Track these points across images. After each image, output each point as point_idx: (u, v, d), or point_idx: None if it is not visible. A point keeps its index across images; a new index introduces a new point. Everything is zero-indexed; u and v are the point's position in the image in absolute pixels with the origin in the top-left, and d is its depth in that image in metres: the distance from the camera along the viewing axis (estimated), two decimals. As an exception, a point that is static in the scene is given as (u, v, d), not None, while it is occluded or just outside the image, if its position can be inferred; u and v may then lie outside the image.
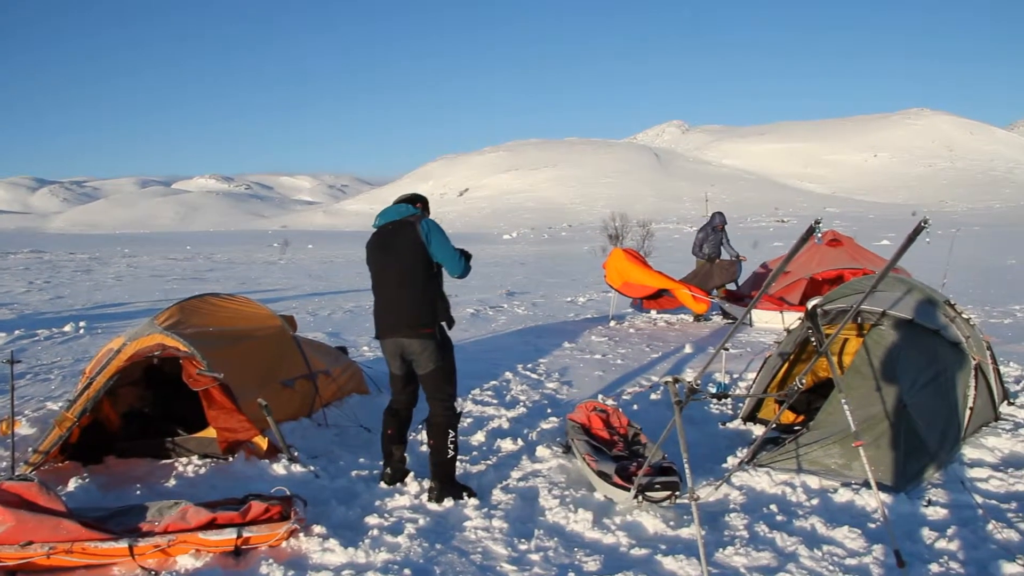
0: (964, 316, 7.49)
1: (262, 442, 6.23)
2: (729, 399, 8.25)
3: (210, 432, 6.31)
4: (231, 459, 6.22)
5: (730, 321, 14.06)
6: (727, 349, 9.43)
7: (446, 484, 5.61)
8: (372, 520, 5.27)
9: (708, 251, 15.62)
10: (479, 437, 7.18)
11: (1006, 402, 7.95)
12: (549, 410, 8.15)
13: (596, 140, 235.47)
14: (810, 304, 5.03)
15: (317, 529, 4.97)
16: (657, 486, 5.35)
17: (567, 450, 6.60)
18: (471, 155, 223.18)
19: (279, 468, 6.06)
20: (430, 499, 5.57)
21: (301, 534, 4.87)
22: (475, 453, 6.78)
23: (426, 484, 5.73)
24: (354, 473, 6.18)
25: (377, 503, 5.59)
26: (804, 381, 5.35)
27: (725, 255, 15.71)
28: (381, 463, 6.05)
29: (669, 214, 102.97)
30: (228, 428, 6.14)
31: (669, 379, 4.87)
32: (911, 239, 4.46)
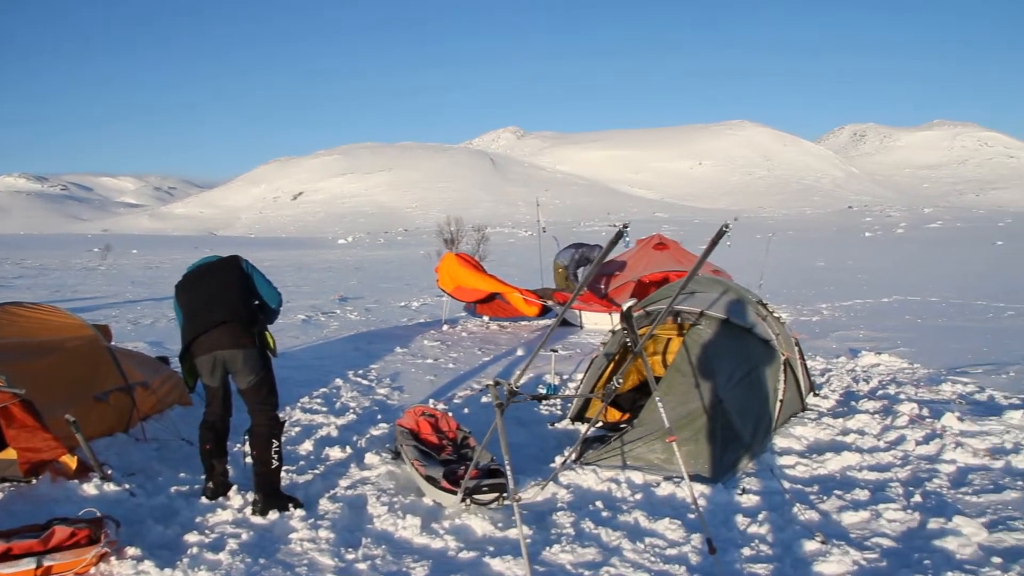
0: (775, 315, 7.96)
1: (71, 461, 5.85)
2: (558, 399, 8.44)
3: (9, 453, 5.87)
4: (34, 481, 5.78)
5: (568, 325, 14.36)
6: (555, 351, 9.66)
7: (271, 496, 5.46)
8: (192, 538, 5.06)
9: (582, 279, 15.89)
10: (307, 446, 7.03)
11: (812, 394, 8.51)
12: (379, 416, 8.09)
13: (432, 144, 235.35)
14: (625, 306, 5.20)
15: (131, 551, 4.72)
16: (484, 488, 5.40)
17: (396, 456, 6.56)
18: (305, 158, 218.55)
19: (90, 488, 5.71)
20: (254, 512, 5.41)
21: (112, 558, 4.61)
22: (302, 463, 6.63)
23: (250, 497, 5.56)
24: (174, 489, 5.91)
25: (198, 519, 5.37)
26: (621, 380, 5.54)
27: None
28: (203, 477, 5.82)
29: (504, 219, 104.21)
30: (30, 448, 5.72)
31: (490, 382, 4.92)
32: (714, 243, 4.74)
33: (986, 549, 4.86)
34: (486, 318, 14.63)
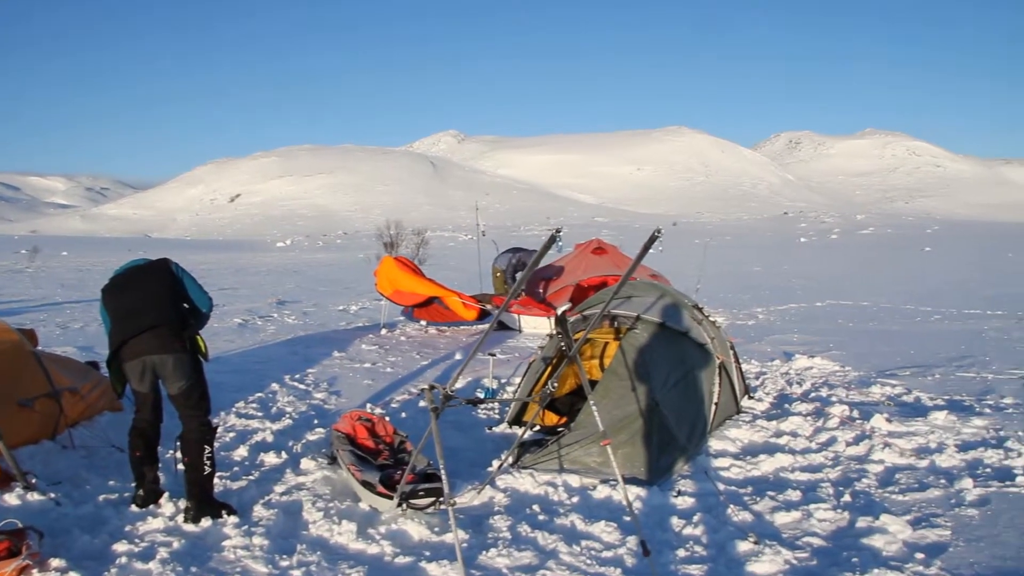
0: (711, 319, 8.08)
1: (-8, 470, 5.67)
2: (496, 403, 8.44)
3: (-74, 462, 5.66)
4: (-49, 493, 5.60)
5: (507, 329, 14.37)
6: (494, 355, 9.66)
7: (203, 503, 5.35)
8: (120, 547, 4.92)
9: (522, 287, 15.88)
10: (241, 452, 6.91)
11: (747, 396, 8.65)
12: (316, 421, 8.00)
13: (372, 147, 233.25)
14: (559, 310, 5.22)
15: (55, 563, 4.56)
16: (421, 493, 5.37)
17: (332, 461, 6.49)
18: (242, 160, 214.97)
19: (12, 499, 5.51)
20: (186, 520, 5.30)
21: (35, 571, 4.46)
22: (236, 469, 6.52)
23: (182, 504, 5.44)
24: (102, 498, 5.74)
25: (127, 528, 5.23)
26: (556, 384, 5.56)
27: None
28: (133, 485, 5.68)
29: (445, 222, 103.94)
30: (-51, 457, 5.54)
31: (425, 387, 4.90)
32: (646, 248, 4.80)
33: (910, 546, 5.01)
34: (424, 322, 14.57)
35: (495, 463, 6.45)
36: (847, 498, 5.84)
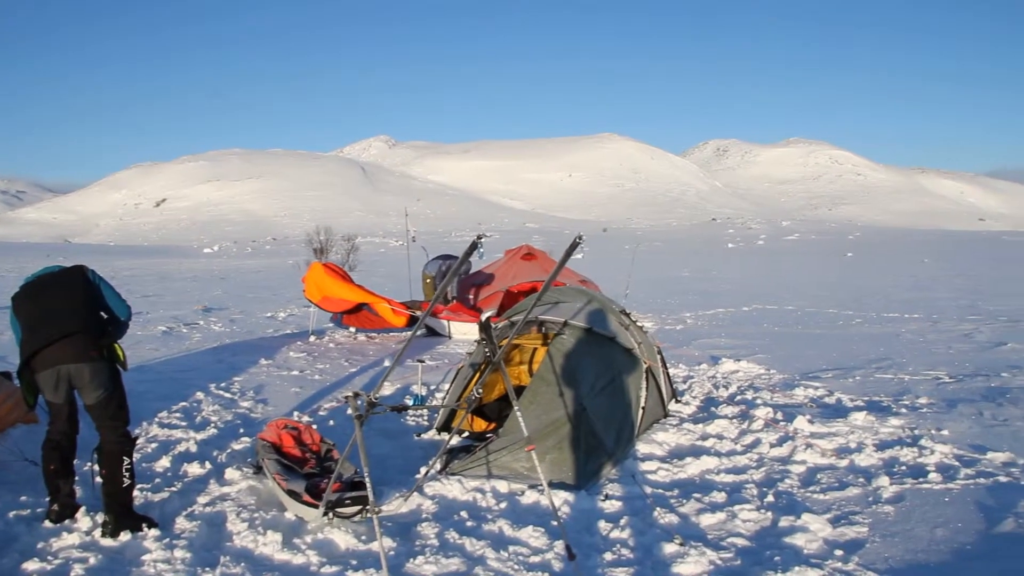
0: (638, 324, 8.17)
1: None
2: (425, 410, 8.40)
3: None
4: None
5: (436, 335, 14.31)
6: (423, 361, 9.62)
7: (122, 516, 5.20)
8: (31, 566, 4.76)
9: (452, 293, 15.83)
10: (163, 462, 6.75)
11: (674, 400, 8.77)
12: (242, 430, 7.86)
13: (302, 152, 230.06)
14: (483, 316, 5.23)
15: (-40, 584, 4.41)
16: (347, 501, 5.32)
17: (258, 470, 6.39)
18: (168, 164, 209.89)
19: (-85, 516, 5.31)
20: (104, 534, 5.15)
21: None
22: (158, 480, 6.37)
23: (99, 518, 5.29)
24: (13, 514, 5.53)
25: (40, 545, 5.06)
26: (481, 391, 5.56)
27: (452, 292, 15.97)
28: (47, 500, 5.49)
29: (375, 228, 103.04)
30: None
31: (349, 394, 4.85)
32: (568, 254, 4.84)
33: (830, 543, 5.15)
34: (353, 329, 14.43)
35: (423, 470, 6.42)
36: (770, 498, 5.97)
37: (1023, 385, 9.71)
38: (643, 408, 7.30)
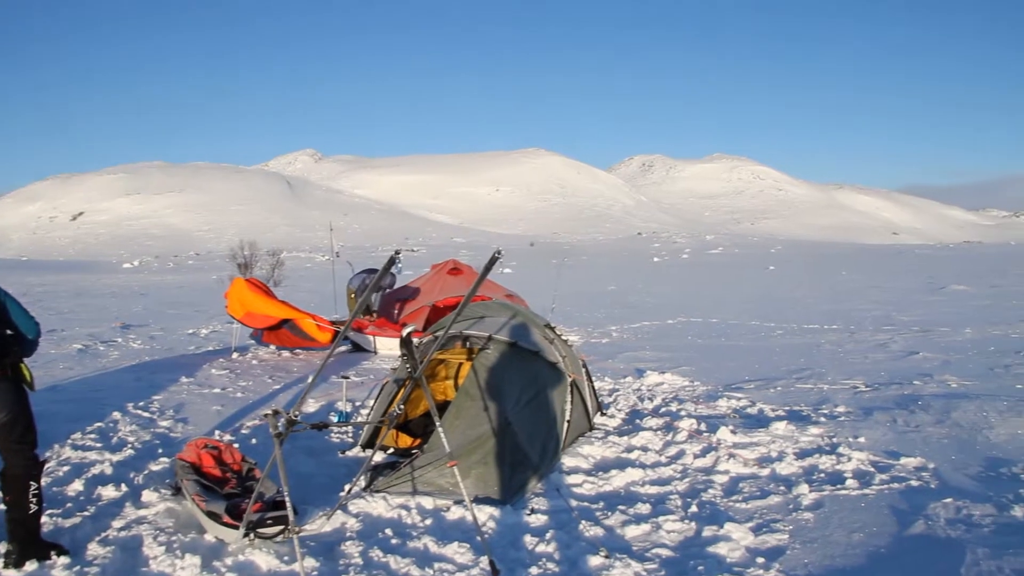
0: (563, 337, 8.20)
1: None
2: (350, 426, 8.30)
3: None
4: None
5: (362, 351, 14.15)
6: (347, 377, 9.50)
7: (28, 544, 4.98)
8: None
9: (375, 308, 15.67)
10: (76, 486, 6.50)
11: (599, 413, 8.82)
12: (160, 450, 7.63)
13: (225, 166, 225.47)
14: (404, 332, 5.19)
15: None
16: (269, 521, 5.21)
17: (176, 492, 6.21)
18: (86, 176, 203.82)
19: None
20: (7, 565, 4.92)
21: None
22: (69, 505, 6.12)
23: (3, 548, 5.06)
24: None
25: (-62, 577, 4.84)
26: (403, 407, 5.52)
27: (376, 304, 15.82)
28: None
29: (301, 243, 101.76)
30: None
31: (268, 412, 4.76)
32: (488, 269, 4.85)
33: (752, 551, 5.24)
34: (272, 347, 14.16)
35: (347, 488, 6.33)
36: (694, 509, 6.04)
37: (934, 392, 10.04)
38: (568, 421, 7.33)
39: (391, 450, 7.47)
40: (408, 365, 5.39)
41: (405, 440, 7.69)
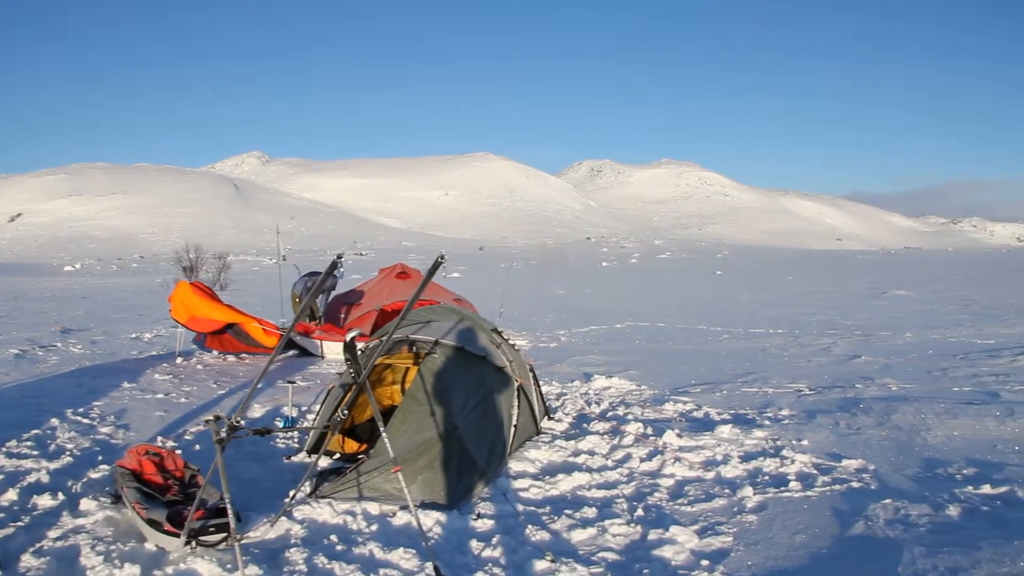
0: (510, 342, 8.21)
1: None
2: (296, 431, 8.21)
3: None
4: None
5: (309, 355, 14.01)
6: (293, 382, 9.40)
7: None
8: None
9: (320, 311, 15.53)
10: (10, 495, 6.30)
11: (547, 417, 8.85)
12: (100, 457, 7.46)
13: (171, 167, 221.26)
14: (348, 336, 5.15)
15: None
16: (211, 529, 5.13)
17: (116, 500, 6.08)
18: (24, 176, 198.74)
19: None
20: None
21: None
22: (2, 515, 5.94)
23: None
24: None
25: None
26: (347, 412, 5.48)
27: (321, 308, 15.71)
28: None
29: (248, 246, 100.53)
30: None
31: (210, 417, 4.69)
32: (431, 273, 4.84)
33: (697, 553, 5.29)
34: (215, 351, 13.96)
35: (292, 493, 6.26)
36: (640, 512, 6.09)
37: (875, 395, 10.24)
38: (515, 426, 7.34)
39: (337, 455, 7.40)
40: (352, 370, 5.35)
41: (352, 445, 7.63)
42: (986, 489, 6.38)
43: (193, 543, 5.11)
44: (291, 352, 14.06)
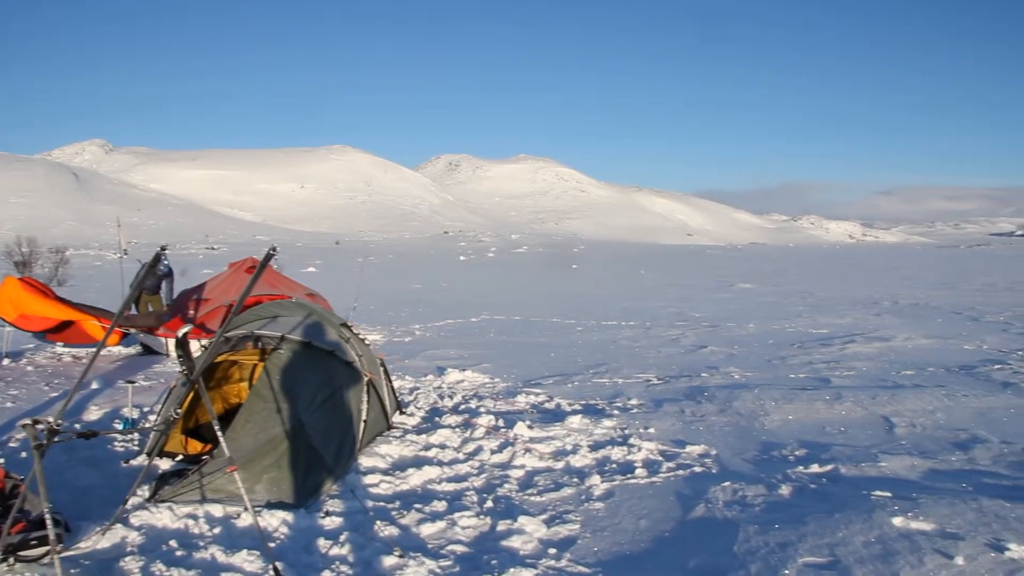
0: (359, 336, 8.09)
1: None
2: (135, 432, 7.84)
3: None
4: None
5: (154, 353, 13.41)
6: (133, 382, 8.98)
7: None
8: None
9: (165, 304, 14.84)
10: None
11: (399, 412, 8.78)
12: (-90, 470, 6.91)
13: (3, 154, 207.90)
14: (180, 332, 4.96)
15: None
16: (33, 542, 4.81)
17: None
18: None
19: None
20: None
21: None
22: None
23: None
24: None
25: None
26: (180, 411, 5.28)
27: (165, 301, 15.03)
28: None
29: (90, 240, 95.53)
30: None
31: (26, 422, 4.40)
32: (263, 266, 4.72)
33: (544, 543, 5.38)
34: (60, 347, 13.19)
35: (127, 499, 5.97)
36: (489, 504, 6.13)
37: (719, 384, 10.68)
38: (365, 421, 7.24)
39: (180, 457, 7.11)
40: (184, 368, 5.14)
41: (195, 446, 7.35)
42: (814, 468, 6.78)
43: (11, 559, 4.78)
44: (134, 350, 13.45)
